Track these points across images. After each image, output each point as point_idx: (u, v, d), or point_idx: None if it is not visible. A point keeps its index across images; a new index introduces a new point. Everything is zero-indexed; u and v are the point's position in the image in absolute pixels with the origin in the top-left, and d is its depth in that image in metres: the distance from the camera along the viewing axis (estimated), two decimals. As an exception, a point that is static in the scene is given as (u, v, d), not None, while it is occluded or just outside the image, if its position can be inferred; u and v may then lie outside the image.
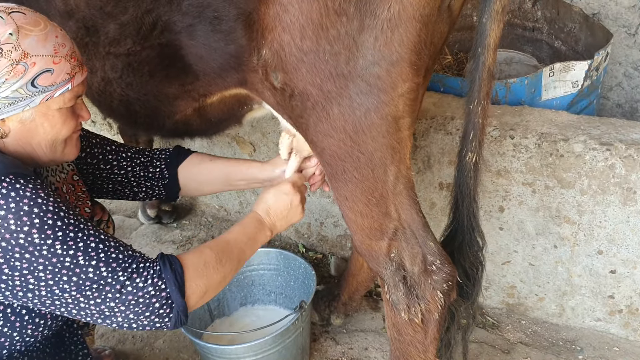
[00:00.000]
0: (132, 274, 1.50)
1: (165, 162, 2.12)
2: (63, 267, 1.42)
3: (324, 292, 2.80)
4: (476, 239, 1.85)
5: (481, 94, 1.64)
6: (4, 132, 1.50)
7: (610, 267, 2.45)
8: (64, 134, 1.60)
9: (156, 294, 1.52)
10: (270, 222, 1.90)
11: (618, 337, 2.59)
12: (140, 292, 1.50)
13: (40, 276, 1.42)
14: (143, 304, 1.51)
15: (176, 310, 1.56)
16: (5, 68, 1.41)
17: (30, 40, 1.44)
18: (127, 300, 1.49)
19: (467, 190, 1.77)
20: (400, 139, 1.56)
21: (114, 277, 1.47)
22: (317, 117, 1.57)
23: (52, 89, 1.50)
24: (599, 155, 2.25)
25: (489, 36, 1.57)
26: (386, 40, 1.42)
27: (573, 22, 3.22)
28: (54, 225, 1.42)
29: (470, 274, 1.89)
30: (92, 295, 1.47)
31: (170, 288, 1.54)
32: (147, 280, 1.51)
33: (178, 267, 1.57)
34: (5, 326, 1.55)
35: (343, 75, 1.48)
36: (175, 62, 1.79)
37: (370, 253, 1.74)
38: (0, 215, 1.36)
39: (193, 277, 1.59)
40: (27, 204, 1.39)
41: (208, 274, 1.63)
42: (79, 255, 1.44)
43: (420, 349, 1.80)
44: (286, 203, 1.92)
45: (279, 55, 1.53)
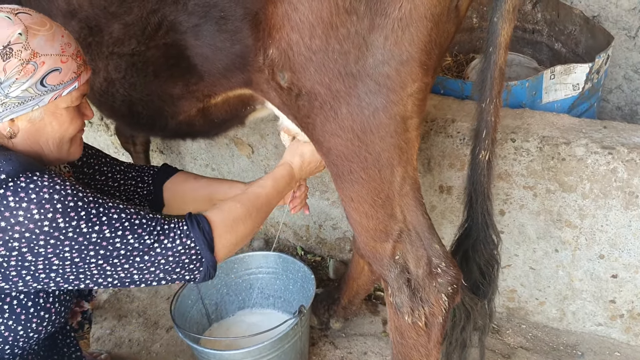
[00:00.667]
0: (158, 235, 1.55)
1: (153, 178, 2.14)
2: (90, 243, 1.46)
3: (323, 295, 2.78)
4: (491, 236, 1.84)
5: (493, 92, 1.64)
6: (13, 131, 1.51)
7: (612, 271, 2.44)
8: (71, 132, 1.62)
9: (185, 251, 1.58)
10: (299, 175, 2.02)
11: (619, 342, 2.59)
12: (169, 251, 1.56)
13: (66, 256, 1.45)
14: (173, 262, 1.56)
15: (206, 265, 1.62)
16: (16, 68, 1.42)
17: (39, 40, 1.46)
18: (156, 261, 1.55)
19: (480, 188, 1.77)
20: (408, 139, 1.55)
21: (140, 242, 1.52)
22: (325, 117, 1.55)
23: (60, 88, 1.51)
24: (601, 159, 2.25)
25: (500, 35, 1.56)
26: (396, 40, 1.41)
27: (573, 25, 3.22)
28: (76, 206, 1.45)
29: (485, 272, 1.88)
30: (119, 262, 1.51)
31: (200, 245, 1.60)
32: (175, 240, 1.57)
33: (206, 225, 1.62)
34: (10, 319, 1.56)
35: (352, 75, 1.46)
36: (180, 63, 1.77)
37: (374, 255, 1.73)
38: (23, 208, 1.38)
39: (222, 233, 1.65)
40: (47, 192, 1.41)
41: (237, 228, 1.70)
42: (104, 229, 1.48)
43: (423, 352, 1.78)
44: (318, 160, 2.02)
45: (287, 55, 1.51)
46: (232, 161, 3.31)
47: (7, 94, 1.43)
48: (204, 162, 3.46)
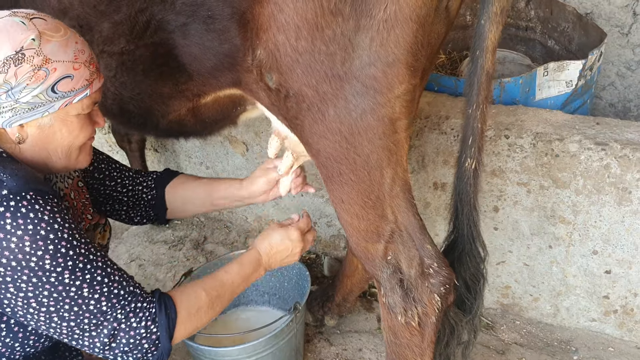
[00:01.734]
0: (129, 313, 1.53)
1: (155, 182, 2.15)
2: (67, 296, 1.44)
3: (317, 293, 2.78)
4: (477, 249, 1.82)
5: (480, 97, 1.61)
6: (21, 137, 1.49)
7: (605, 267, 2.44)
8: (81, 140, 1.60)
9: (147, 336, 1.56)
10: (268, 263, 1.94)
11: (613, 338, 2.59)
12: (132, 331, 1.54)
13: (43, 301, 1.43)
14: (133, 343, 1.54)
15: (161, 351, 1.60)
16: (27, 73, 1.40)
17: (52, 46, 1.44)
18: (118, 337, 1.53)
19: (467, 198, 1.74)
20: (396, 141, 1.54)
21: (111, 314, 1.51)
22: (313, 119, 1.55)
23: (71, 95, 1.50)
24: (594, 155, 2.24)
25: (487, 38, 1.54)
26: (382, 41, 1.40)
27: (566, 22, 3.21)
28: (66, 254, 1.42)
29: (471, 286, 1.86)
30: (88, 328, 1.49)
31: (161, 332, 1.58)
32: (141, 321, 1.55)
33: (172, 312, 1.61)
34: (8, 337, 1.55)
35: (339, 76, 1.46)
36: (169, 62, 1.76)
37: (366, 256, 1.73)
38: (17, 235, 1.36)
39: (184, 321, 1.64)
40: (45, 228, 1.39)
41: (199, 318, 1.69)
42: (84, 287, 1.46)
43: (417, 352, 1.78)
44: (288, 249, 1.96)
45: (274, 56, 1.50)
46: (226, 159, 3.31)
47: (17, 99, 1.42)
48: (198, 160, 3.46)
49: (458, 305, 1.88)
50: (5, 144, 1.50)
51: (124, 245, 3.42)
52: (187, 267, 3.21)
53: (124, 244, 3.43)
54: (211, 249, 3.37)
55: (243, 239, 3.42)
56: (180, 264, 3.26)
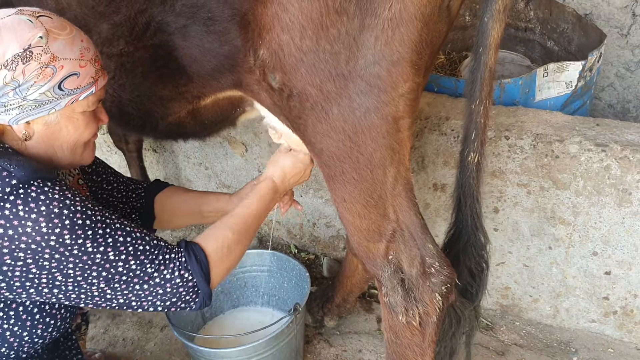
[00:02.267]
0: (159, 265, 1.56)
1: (145, 191, 2.17)
2: (94, 263, 1.47)
3: (317, 293, 2.78)
4: (480, 238, 1.83)
5: (483, 93, 1.62)
6: (28, 134, 1.51)
7: (605, 268, 2.44)
8: (86, 136, 1.62)
9: (183, 283, 1.59)
10: (283, 188, 2.01)
11: (613, 339, 2.59)
12: (168, 283, 1.57)
13: (69, 273, 1.45)
14: (170, 293, 1.58)
15: (202, 296, 1.64)
16: (35, 71, 1.42)
17: (59, 44, 1.45)
18: (155, 291, 1.56)
19: (469, 191, 1.75)
20: (400, 139, 1.54)
21: (142, 269, 1.53)
22: (316, 118, 1.54)
23: (77, 92, 1.52)
24: (595, 156, 2.25)
25: (490, 35, 1.55)
26: (387, 40, 1.40)
27: (566, 23, 3.22)
28: (84, 225, 1.45)
29: (475, 274, 1.87)
30: (119, 287, 1.52)
31: (197, 278, 1.61)
32: (174, 272, 1.58)
33: (203, 257, 1.64)
34: (16, 325, 1.56)
35: (343, 75, 1.46)
36: (169, 64, 1.76)
37: (367, 255, 1.72)
38: (32, 219, 1.38)
39: (217, 263, 1.67)
40: (57, 206, 1.41)
41: (230, 256, 1.72)
42: (109, 251, 1.48)
43: (417, 352, 1.78)
44: (300, 171, 2.04)
45: (278, 56, 1.50)
46: (225, 160, 3.30)
47: (24, 96, 1.43)
48: (197, 160, 3.45)
49: (463, 294, 1.89)
50: (11, 140, 1.52)
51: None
52: (186, 267, 3.20)
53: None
54: (210, 249, 3.36)
55: (242, 240, 3.41)
56: (178, 264, 3.25)
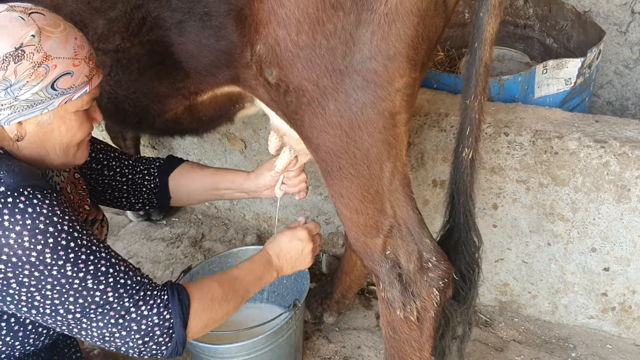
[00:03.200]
0: (138, 301, 1.50)
1: (159, 169, 2.13)
2: (71, 288, 1.41)
3: (316, 290, 2.78)
4: (472, 238, 1.82)
5: (478, 89, 1.61)
6: (20, 135, 1.47)
7: (604, 264, 2.45)
8: (79, 137, 1.58)
9: (159, 323, 1.52)
10: (279, 264, 1.91)
11: (611, 335, 2.60)
12: (144, 319, 1.50)
13: (47, 294, 1.40)
14: (144, 331, 1.50)
15: (175, 341, 1.55)
16: (27, 70, 1.38)
17: (52, 43, 1.41)
18: (129, 327, 1.49)
19: (463, 187, 1.74)
20: (396, 134, 1.54)
21: (119, 303, 1.47)
22: (313, 113, 1.54)
23: (71, 92, 1.47)
24: (594, 152, 2.25)
25: (485, 31, 1.54)
26: (383, 35, 1.40)
27: (565, 20, 3.22)
28: (67, 247, 1.40)
29: (466, 275, 1.86)
30: (95, 318, 1.46)
31: (175, 319, 1.54)
32: (152, 309, 1.51)
33: (185, 299, 1.57)
34: (8, 335, 1.53)
35: (339, 71, 1.46)
36: (165, 60, 1.75)
37: (365, 250, 1.72)
38: (15, 231, 1.33)
39: (198, 310, 1.59)
40: (43, 222, 1.36)
41: (213, 309, 1.64)
42: (88, 279, 1.43)
43: (415, 346, 1.78)
44: (298, 249, 1.94)
45: (274, 51, 1.50)
46: (224, 156, 3.31)
47: (16, 96, 1.39)
48: (196, 157, 3.46)
49: (453, 296, 1.88)
50: (3, 141, 1.48)
51: (121, 242, 3.41)
52: (185, 264, 3.20)
53: (121, 241, 3.41)
54: (209, 246, 3.37)
55: (241, 237, 3.42)
56: (178, 261, 3.25)
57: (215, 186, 2.13)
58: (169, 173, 2.12)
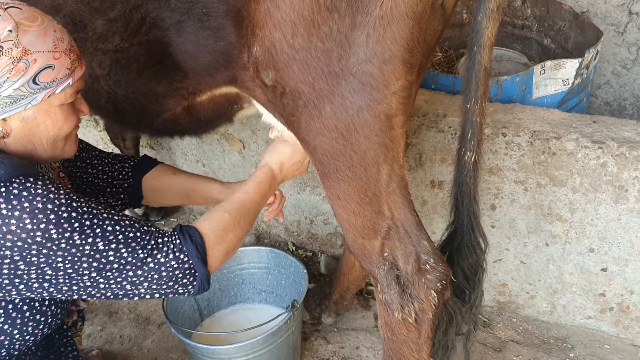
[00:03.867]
0: (152, 250, 1.52)
1: (132, 169, 2.13)
2: (83, 255, 1.43)
3: (314, 290, 2.79)
4: (477, 239, 1.82)
5: (478, 92, 1.62)
6: (5, 131, 1.47)
7: (602, 264, 2.45)
8: (65, 130, 1.58)
9: (179, 266, 1.55)
10: (282, 176, 1.98)
11: (609, 335, 2.60)
12: (162, 266, 1.53)
13: (59, 267, 1.42)
14: (166, 276, 1.54)
15: (199, 279, 1.59)
16: (7, 66, 1.37)
17: (30, 37, 1.40)
18: (149, 276, 1.52)
19: (467, 190, 1.75)
20: (393, 137, 1.54)
21: (134, 256, 1.49)
22: (309, 116, 1.55)
23: (53, 85, 1.47)
24: (591, 153, 2.25)
25: (484, 34, 1.55)
26: (378, 38, 1.41)
27: (563, 20, 3.22)
28: (69, 217, 1.41)
29: (469, 276, 1.86)
30: (112, 275, 1.48)
31: (193, 260, 1.57)
32: (168, 254, 1.54)
33: (198, 238, 1.60)
34: (6, 323, 1.54)
35: (335, 73, 1.46)
36: (164, 60, 1.75)
37: (363, 252, 1.73)
38: (15, 216, 1.35)
39: (214, 244, 1.62)
40: (41, 201, 1.38)
41: (227, 238, 1.67)
42: (97, 242, 1.45)
43: (413, 348, 1.78)
44: (299, 160, 2.00)
45: (270, 53, 1.50)
46: (223, 157, 3.31)
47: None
48: (194, 157, 3.46)
49: (456, 294, 1.89)
50: None
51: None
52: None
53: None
54: (208, 246, 3.36)
55: (240, 237, 3.41)
56: (177, 262, 3.25)
57: (187, 193, 2.15)
58: (143, 172, 2.13)
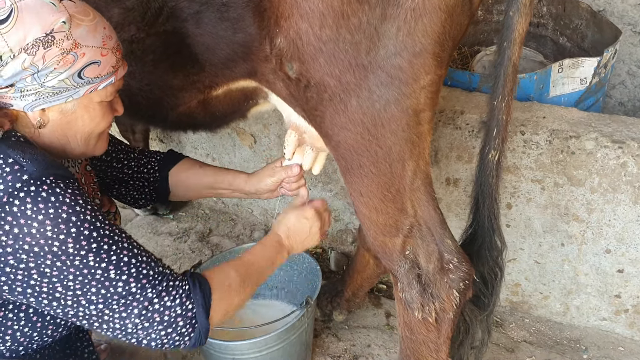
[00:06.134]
0: (161, 292, 1.48)
1: (159, 164, 2.13)
2: (93, 278, 1.39)
3: (326, 287, 2.75)
4: (496, 242, 1.79)
5: (506, 89, 1.59)
6: (43, 122, 1.45)
7: (618, 266, 2.42)
8: (101, 127, 1.57)
9: (182, 313, 1.51)
10: (289, 245, 1.91)
11: (623, 337, 2.57)
12: (167, 310, 1.49)
13: (69, 285, 1.38)
14: (167, 322, 1.49)
15: (198, 331, 1.55)
16: (56, 57, 1.36)
17: (82, 30, 1.40)
18: (152, 318, 1.47)
19: (488, 190, 1.72)
20: (420, 133, 1.52)
21: (142, 294, 1.46)
22: (334, 110, 1.52)
23: (97, 82, 1.47)
24: (611, 153, 2.22)
25: (515, 30, 1.51)
26: (409, 30, 1.38)
27: (580, 19, 3.18)
28: (90, 236, 1.38)
29: (488, 281, 1.83)
30: (118, 309, 1.44)
31: (197, 309, 1.53)
32: (175, 299, 1.50)
33: (207, 288, 1.56)
34: (27, 326, 1.52)
35: (363, 66, 1.43)
36: (181, 51, 1.72)
37: (383, 250, 1.70)
38: (38, 220, 1.32)
39: (219, 298, 1.59)
40: (66, 211, 1.35)
41: (231, 296, 1.63)
42: (110, 269, 1.41)
43: (432, 348, 1.76)
44: (306, 228, 1.94)
45: (296, 45, 1.47)
46: (233, 151, 3.28)
47: (42, 82, 1.38)
48: (204, 151, 3.43)
49: (473, 302, 1.85)
50: (24, 128, 1.46)
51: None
52: (193, 259, 3.18)
53: (128, 235, 3.39)
54: (216, 241, 3.34)
55: (249, 232, 3.40)
56: (185, 256, 3.23)
57: (214, 185, 2.14)
58: (170, 167, 2.12)
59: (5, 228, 1.30)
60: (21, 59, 1.33)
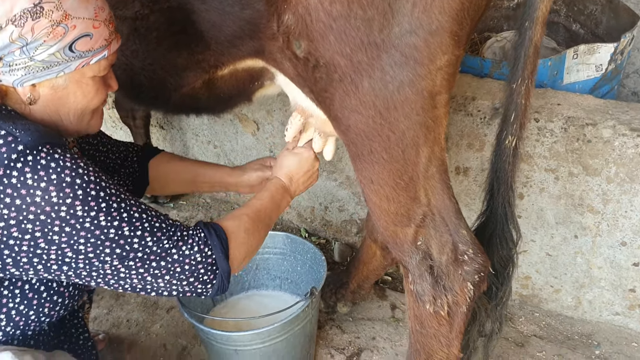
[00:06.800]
0: (177, 241, 1.47)
1: (137, 155, 2.07)
2: (107, 239, 1.36)
3: (330, 278, 2.68)
4: (510, 231, 1.71)
5: (526, 72, 1.49)
6: (33, 97, 1.39)
7: (634, 259, 2.34)
8: (95, 103, 1.51)
9: (202, 260, 1.50)
10: (293, 188, 1.94)
11: (637, 333, 2.50)
12: (187, 259, 1.48)
13: (80, 249, 1.35)
14: (188, 270, 1.48)
15: (220, 276, 1.54)
16: (45, 29, 1.30)
17: (72, 1, 1.33)
18: (172, 268, 1.46)
19: (504, 177, 1.63)
20: (435, 117, 1.43)
21: (159, 245, 1.44)
22: (344, 91, 1.43)
23: (89, 55, 1.40)
24: (629, 141, 2.13)
25: (538, 9, 1.42)
26: (425, 7, 1.29)
27: (594, 4, 3.08)
28: (97, 197, 1.34)
29: (499, 270, 1.75)
30: (134, 265, 1.42)
31: (217, 254, 1.53)
32: (193, 247, 1.49)
33: (222, 233, 1.56)
34: (22, 304, 1.46)
35: (376, 45, 1.34)
36: (186, 29, 1.64)
37: (394, 240, 1.62)
38: (41, 187, 1.28)
39: (236, 244, 1.59)
40: (69, 175, 1.31)
41: (248, 240, 1.64)
42: (123, 226, 1.38)
43: (443, 342, 1.69)
44: (308, 169, 1.97)
45: (304, 21, 1.38)
46: (235, 138, 3.19)
47: (32, 56, 1.31)
48: (206, 138, 3.34)
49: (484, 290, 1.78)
50: (14, 104, 1.40)
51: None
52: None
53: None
54: (218, 230, 3.27)
55: (251, 221, 3.32)
56: (186, 245, 3.15)
57: (194, 179, 2.11)
58: (148, 159, 2.07)
59: (6, 201, 1.26)
60: (8, 31, 1.27)
